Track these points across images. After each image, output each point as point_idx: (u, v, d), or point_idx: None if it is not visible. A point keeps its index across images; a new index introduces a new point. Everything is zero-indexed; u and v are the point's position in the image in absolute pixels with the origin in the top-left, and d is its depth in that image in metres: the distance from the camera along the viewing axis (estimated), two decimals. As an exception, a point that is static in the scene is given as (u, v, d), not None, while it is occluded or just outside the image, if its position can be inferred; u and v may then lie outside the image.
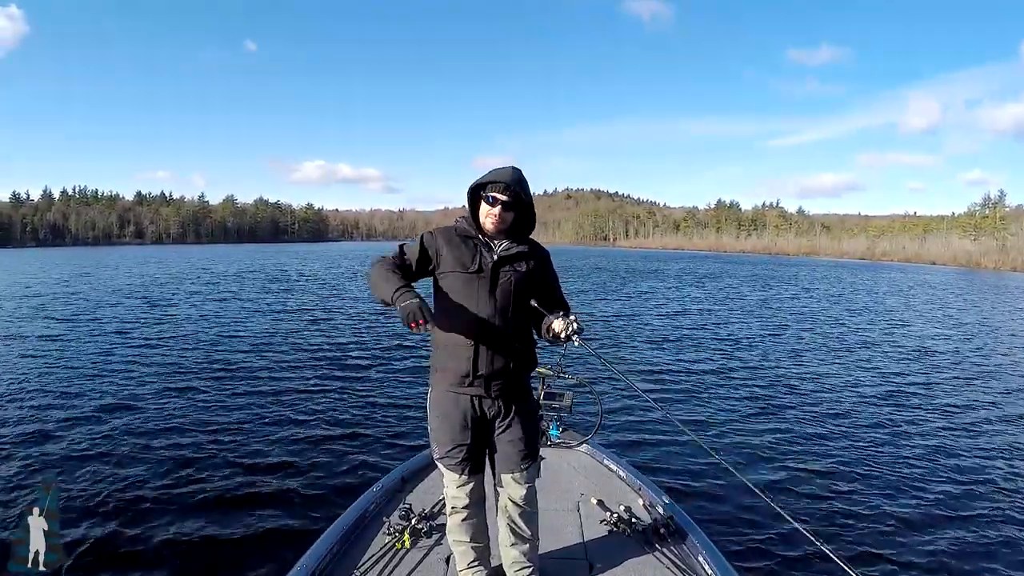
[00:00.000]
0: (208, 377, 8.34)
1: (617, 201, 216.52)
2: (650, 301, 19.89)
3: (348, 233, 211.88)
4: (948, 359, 10.96)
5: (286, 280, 27.43)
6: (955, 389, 8.65)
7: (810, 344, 12.06)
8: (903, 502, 4.79)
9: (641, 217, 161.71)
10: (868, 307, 19.76)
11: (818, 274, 40.26)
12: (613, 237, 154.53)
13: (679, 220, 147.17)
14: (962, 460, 5.80)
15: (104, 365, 9.14)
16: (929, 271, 51.16)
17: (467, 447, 2.14)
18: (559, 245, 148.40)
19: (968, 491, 5.12)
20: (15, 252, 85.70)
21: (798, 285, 29.18)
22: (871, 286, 29.75)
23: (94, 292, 21.04)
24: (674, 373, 9.13)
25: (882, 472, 5.37)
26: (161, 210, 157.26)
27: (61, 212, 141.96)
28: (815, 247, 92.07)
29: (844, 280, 34.21)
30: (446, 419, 2.13)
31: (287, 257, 55.85)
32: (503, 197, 2.03)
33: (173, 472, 5.06)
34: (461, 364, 2.06)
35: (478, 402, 2.10)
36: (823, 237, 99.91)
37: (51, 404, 7.04)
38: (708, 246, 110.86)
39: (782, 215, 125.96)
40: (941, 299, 23.63)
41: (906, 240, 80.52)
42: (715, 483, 4.98)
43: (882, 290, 27.49)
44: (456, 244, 2.08)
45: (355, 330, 12.83)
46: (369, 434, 6.06)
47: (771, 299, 21.40)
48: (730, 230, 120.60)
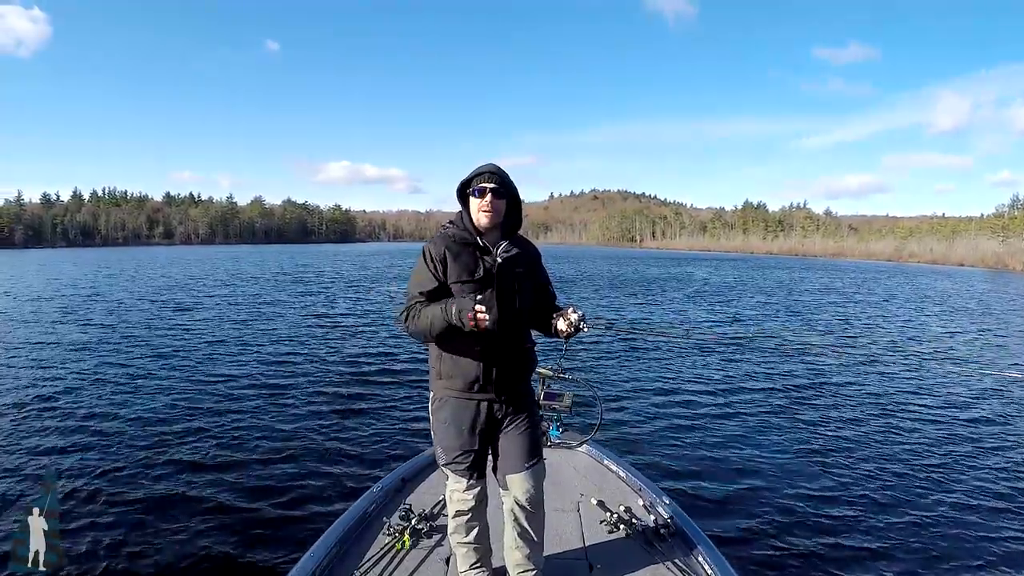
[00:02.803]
0: (206, 378, 8.41)
1: (644, 202, 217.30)
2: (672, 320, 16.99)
3: (375, 234, 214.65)
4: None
5: (294, 281, 27.39)
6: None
7: (814, 344, 12.04)
8: (904, 502, 4.78)
9: (668, 218, 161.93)
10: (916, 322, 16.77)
11: (848, 278, 36.49)
12: (640, 238, 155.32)
13: (706, 221, 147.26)
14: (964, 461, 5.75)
15: (106, 364, 9.33)
16: (959, 274, 48.95)
17: (475, 452, 2.14)
18: (586, 246, 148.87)
19: (969, 490, 5.06)
20: (46, 252, 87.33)
21: (834, 291, 26.25)
22: (915, 294, 26.00)
23: (123, 292, 21.48)
24: (674, 372, 9.12)
25: (882, 473, 5.36)
26: (190, 211, 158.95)
27: (91, 213, 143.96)
28: (842, 249, 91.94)
29: (878, 286, 30.81)
30: (454, 425, 2.12)
31: (312, 258, 56.16)
32: (491, 184, 2.04)
33: (172, 472, 5.10)
34: (471, 370, 2.06)
35: (487, 406, 2.10)
36: (850, 238, 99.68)
37: (54, 403, 7.18)
38: (735, 247, 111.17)
39: (809, 216, 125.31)
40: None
41: (933, 242, 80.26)
42: (715, 483, 5.01)
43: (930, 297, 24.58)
44: (456, 252, 2.07)
45: (354, 332, 12.77)
46: (368, 435, 6.05)
47: (798, 305, 19.97)
48: (757, 231, 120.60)
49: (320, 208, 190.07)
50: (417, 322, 2.01)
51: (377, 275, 32.47)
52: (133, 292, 21.27)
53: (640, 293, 23.82)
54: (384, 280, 28.70)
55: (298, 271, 35.21)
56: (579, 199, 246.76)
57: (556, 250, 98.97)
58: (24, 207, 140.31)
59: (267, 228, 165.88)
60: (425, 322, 1.99)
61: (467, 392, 2.10)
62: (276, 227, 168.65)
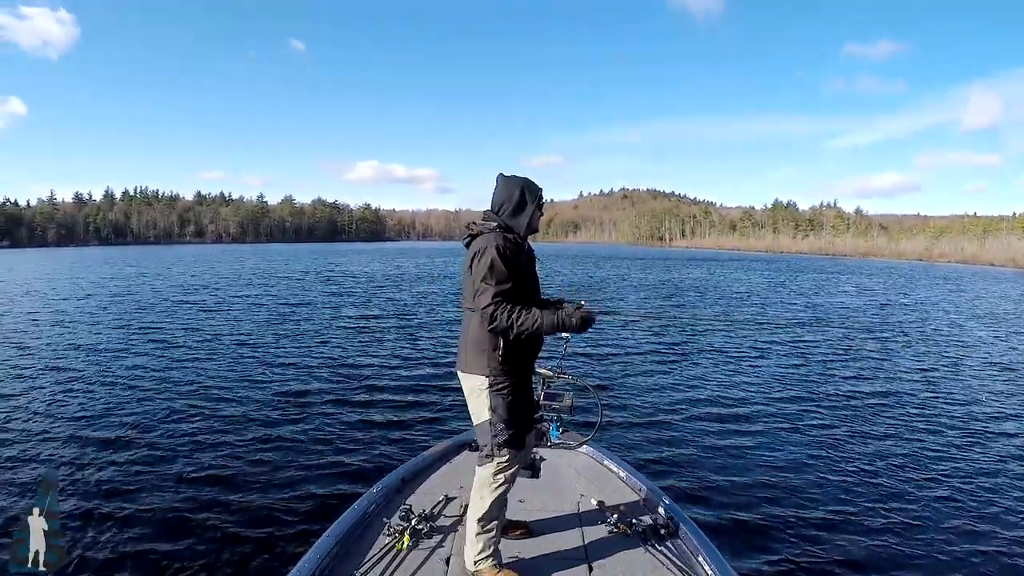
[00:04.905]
0: (206, 378, 8.44)
1: (673, 201, 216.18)
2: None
3: (405, 233, 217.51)
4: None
5: (317, 281, 27.56)
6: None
7: (814, 345, 11.84)
8: (903, 504, 4.75)
9: (697, 217, 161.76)
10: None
11: (877, 281, 33.37)
12: (669, 237, 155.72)
13: (735, 220, 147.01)
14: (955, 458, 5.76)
15: (110, 363, 9.53)
16: (989, 274, 47.21)
17: (527, 428, 2.43)
18: (615, 245, 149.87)
19: (969, 489, 5.05)
20: (78, 250, 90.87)
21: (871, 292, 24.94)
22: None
23: (153, 290, 22.38)
24: (675, 373, 9.08)
25: (884, 474, 5.34)
26: (220, 210, 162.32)
27: (123, 212, 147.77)
28: (872, 248, 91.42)
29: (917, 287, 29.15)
30: (521, 406, 2.40)
31: (339, 256, 56.35)
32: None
33: (171, 472, 5.08)
34: (533, 354, 2.44)
35: (534, 385, 2.43)
36: (880, 238, 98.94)
37: (59, 400, 7.34)
38: (765, 247, 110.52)
39: (839, 215, 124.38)
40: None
41: (965, 241, 79.59)
42: (715, 483, 4.97)
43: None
44: (516, 252, 2.37)
45: (353, 331, 12.79)
46: (368, 435, 6.04)
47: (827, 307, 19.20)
48: (787, 231, 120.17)
49: (350, 207, 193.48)
50: (524, 321, 2.27)
51: (407, 276, 31.21)
52: (159, 291, 21.88)
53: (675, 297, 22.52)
54: (411, 281, 27.96)
55: (323, 271, 35.09)
56: (608, 198, 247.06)
57: (585, 249, 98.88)
58: (57, 206, 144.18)
59: (297, 227, 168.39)
60: (531, 322, 2.26)
61: (530, 373, 2.47)
62: (306, 226, 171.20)
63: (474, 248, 2.40)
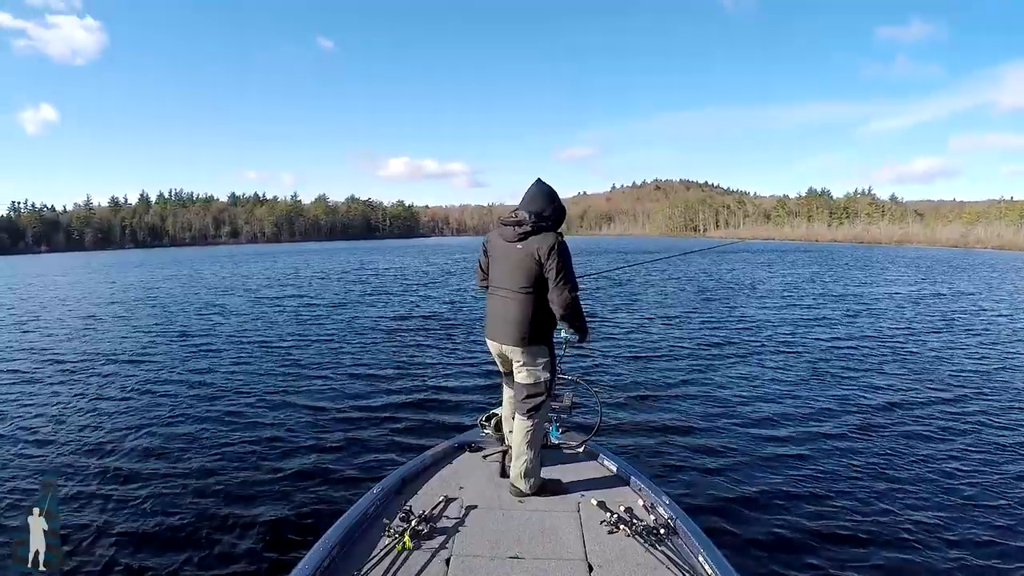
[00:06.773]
0: (204, 380, 8.46)
1: (707, 191, 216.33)
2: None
3: (439, 229, 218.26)
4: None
5: (294, 279, 27.65)
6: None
7: (815, 347, 11.06)
8: (908, 504, 4.68)
9: (731, 207, 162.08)
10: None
11: (904, 272, 30.56)
12: (703, 228, 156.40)
13: (769, 209, 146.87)
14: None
15: (114, 361, 9.80)
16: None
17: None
18: (649, 236, 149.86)
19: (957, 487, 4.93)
20: (115, 253, 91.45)
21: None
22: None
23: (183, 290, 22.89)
24: (675, 373, 8.93)
25: (886, 474, 5.23)
26: (255, 210, 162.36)
27: (158, 215, 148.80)
28: (908, 235, 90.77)
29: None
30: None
31: (377, 253, 56.31)
32: None
33: (170, 473, 5.12)
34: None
35: None
36: (915, 224, 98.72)
37: (64, 399, 7.47)
38: (799, 236, 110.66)
39: (874, 202, 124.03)
40: None
41: (1001, 227, 79.04)
42: (715, 483, 4.96)
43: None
44: None
45: (352, 331, 12.81)
46: (368, 436, 6.04)
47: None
48: (821, 219, 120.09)
49: (383, 204, 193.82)
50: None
51: (420, 276, 29.49)
52: (181, 296, 21.70)
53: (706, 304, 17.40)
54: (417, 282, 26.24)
55: (326, 272, 34.13)
56: (641, 189, 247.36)
57: (617, 242, 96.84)
58: (93, 211, 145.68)
59: (332, 225, 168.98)
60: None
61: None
62: (341, 224, 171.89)
63: (544, 243, 2.77)
